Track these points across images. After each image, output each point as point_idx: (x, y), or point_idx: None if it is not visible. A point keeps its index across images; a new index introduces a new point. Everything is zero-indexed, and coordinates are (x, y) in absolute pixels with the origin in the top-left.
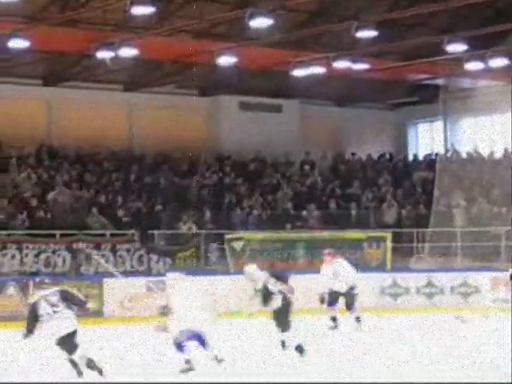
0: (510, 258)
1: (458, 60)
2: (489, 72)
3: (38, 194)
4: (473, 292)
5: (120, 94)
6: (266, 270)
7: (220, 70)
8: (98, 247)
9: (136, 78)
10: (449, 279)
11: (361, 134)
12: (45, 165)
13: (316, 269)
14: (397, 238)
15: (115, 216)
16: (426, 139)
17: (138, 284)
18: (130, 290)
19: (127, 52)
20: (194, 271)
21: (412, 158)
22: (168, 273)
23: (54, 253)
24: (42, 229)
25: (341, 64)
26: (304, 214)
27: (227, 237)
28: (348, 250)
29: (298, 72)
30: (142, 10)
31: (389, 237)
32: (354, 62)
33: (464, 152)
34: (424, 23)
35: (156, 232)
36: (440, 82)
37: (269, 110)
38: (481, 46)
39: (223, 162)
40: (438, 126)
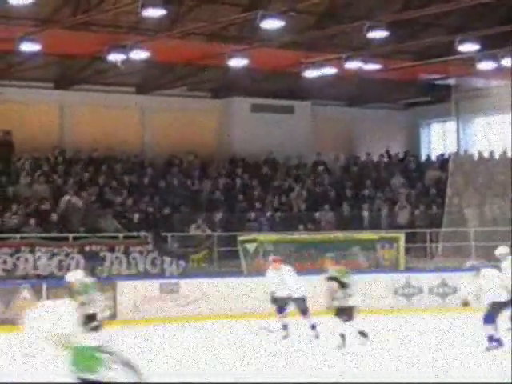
0: None
1: (470, 60)
2: (501, 71)
3: (51, 197)
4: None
5: (132, 96)
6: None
7: (232, 72)
8: (111, 250)
9: (148, 81)
10: (462, 279)
11: (373, 134)
12: (57, 168)
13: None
14: (410, 239)
15: (128, 219)
16: (439, 139)
17: (151, 286)
18: (143, 292)
19: (139, 55)
20: (208, 273)
21: (425, 158)
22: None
23: (67, 256)
24: (54, 232)
25: (353, 64)
26: (317, 215)
27: (240, 238)
28: (361, 250)
29: (309, 73)
30: (153, 13)
31: (402, 237)
32: (365, 62)
33: (477, 152)
34: (436, 23)
35: (169, 234)
36: (452, 81)
37: (281, 111)
38: (493, 45)
39: (235, 164)
40: (451, 125)
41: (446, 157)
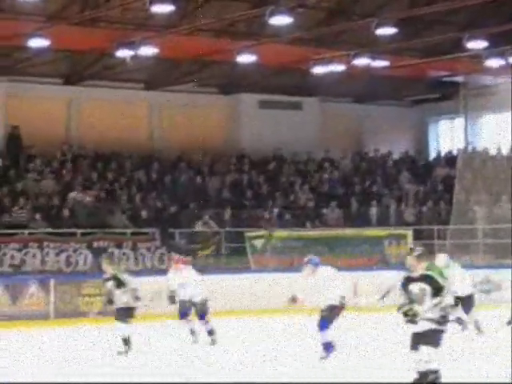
0: None
1: (478, 57)
2: (509, 68)
3: (59, 193)
4: (494, 289)
5: (140, 92)
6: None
7: (240, 68)
8: (119, 246)
9: (156, 77)
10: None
11: (381, 131)
12: (66, 164)
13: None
14: (418, 236)
15: (136, 215)
16: (447, 136)
17: (159, 282)
18: (151, 288)
19: (147, 51)
20: (215, 269)
21: (433, 155)
22: None
23: (75, 251)
24: (62, 228)
25: (361, 61)
26: (325, 211)
27: (248, 235)
28: (369, 247)
29: (317, 69)
30: (161, 9)
31: (410, 234)
32: (374, 59)
33: (485, 149)
34: (444, 20)
35: (177, 230)
36: (460, 78)
37: (289, 107)
38: (501, 42)
39: (243, 160)
40: (459, 122)
41: (454, 154)
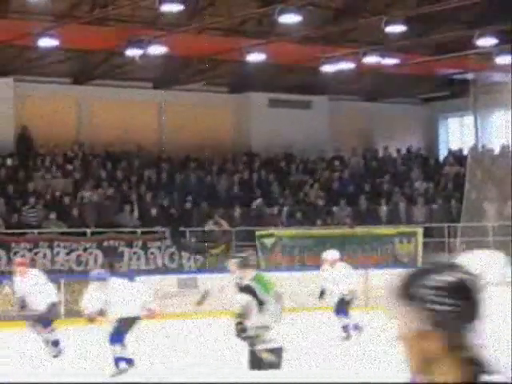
0: None
1: (488, 54)
2: None
3: (69, 192)
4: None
5: (150, 91)
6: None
7: (249, 67)
8: (130, 245)
9: (165, 76)
10: None
11: (391, 129)
12: (75, 163)
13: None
14: (428, 233)
15: (146, 214)
16: (457, 133)
17: (169, 281)
18: (162, 287)
19: (156, 49)
20: (226, 268)
21: (443, 153)
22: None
23: (85, 251)
24: (73, 227)
25: (370, 59)
26: (335, 210)
27: (258, 233)
28: (379, 245)
29: (327, 68)
30: (170, 8)
31: (420, 232)
32: (383, 57)
33: (495, 146)
34: (454, 17)
35: (187, 229)
36: (470, 76)
37: (298, 106)
38: (511, 39)
39: (253, 159)
40: (469, 120)
41: (464, 151)
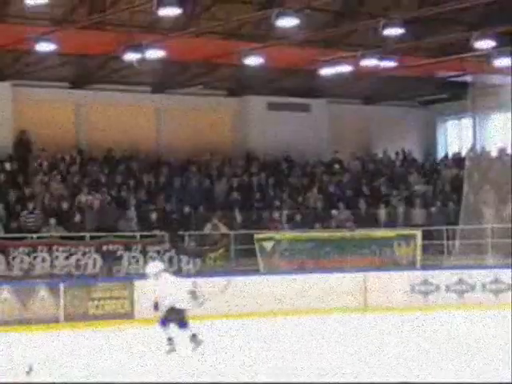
0: None
1: (487, 56)
2: None
3: (68, 196)
4: (504, 289)
5: (148, 95)
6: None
7: (247, 71)
8: (129, 249)
9: (164, 80)
10: (480, 276)
11: (390, 131)
12: (74, 167)
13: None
14: (427, 236)
15: (145, 218)
16: (455, 136)
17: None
18: None
19: (154, 53)
20: (225, 272)
21: (441, 155)
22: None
23: (84, 255)
24: (71, 231)
25: (369, 62)
26: (333, 213)
27: (257, 237)
28: (378, 248)
29: (325, 71)
30: (168, 12)
31: (419, 234)
32: (381, 59)
33: (493, 149)
34: (452, 20)
35: (186, 233)
36: (468, 78)
37: (297, 109)
38: (509, 42)
39: (252, 163)
40: (467, 122)
41: (462, 154)
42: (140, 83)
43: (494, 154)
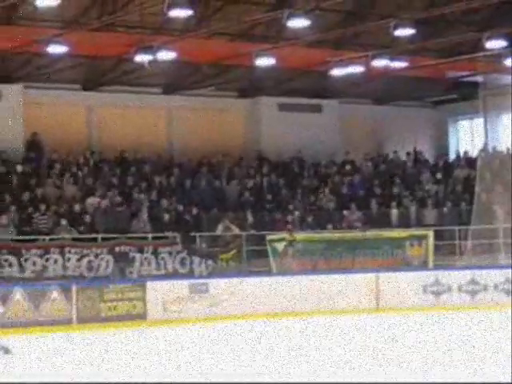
0: None
1: (497, 56)
2: None
3: (80, 198)
4: None
5: (159, 97)
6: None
7: (258, 72)
8: (141, 250)
9: (175, 81)
10: (492, 276)
11: (401, 132)
12: (86, 169)
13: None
14: (439, 236)
15: (157, 219)
16: (467, 136)
17: (181, 286)
18: (173, 292)
19: (166, 55)
20: (237, 273)
21: (453, 156)
22: None
23: (96, 256)
24: (83, 233)
25: (380, 62)
26: (345, 213)
27: (269, 238)
28: (390, 248)
29: (336, 72)
30: (179, 13)
31: (431, 235)
32: (392, 60)
33: (505, 148)
34: (463, 20)
35: (198, 234)
36: (479, 78)
37: (308, 110)
38: None
39: (263, 164)
40: (479, 122)
41: (474, 154)
42: (151, 85)
43: (506, 153)
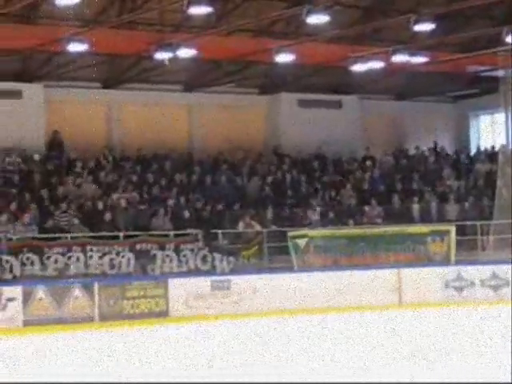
0: None
1: None
2: None
3: (101, 196)
4: None
5: (179, 94)
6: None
7: (279, 68)
8: (162, 248)
9: (195, 78)
10: None
11: (422, 127)
12: (107, 167)
13: (380, 264)
14: (460, 231)
15: (178, 216)
16: (488, 131)
17: (203, 283)
18: (195, 289)
19: (186, 52)
20: (258, 269)
21: (474, 151)
22: None
23: (118, 254)
24: (105, 231)
25: (400, 58)
26: (367, 209)
27: (290, 234)
28: (412, 244)
29: (356, 67)
30: (199, 10)
31: (452, 230)
32: (413, 55)
33: None
34: (482, 14)
35: (219, 231)
36: (500, 73)
37: (328, 106)
38: None
39: (284, 160)
40: (500, 117)
41: (495, 149)
42: (172, 82)
43: None
